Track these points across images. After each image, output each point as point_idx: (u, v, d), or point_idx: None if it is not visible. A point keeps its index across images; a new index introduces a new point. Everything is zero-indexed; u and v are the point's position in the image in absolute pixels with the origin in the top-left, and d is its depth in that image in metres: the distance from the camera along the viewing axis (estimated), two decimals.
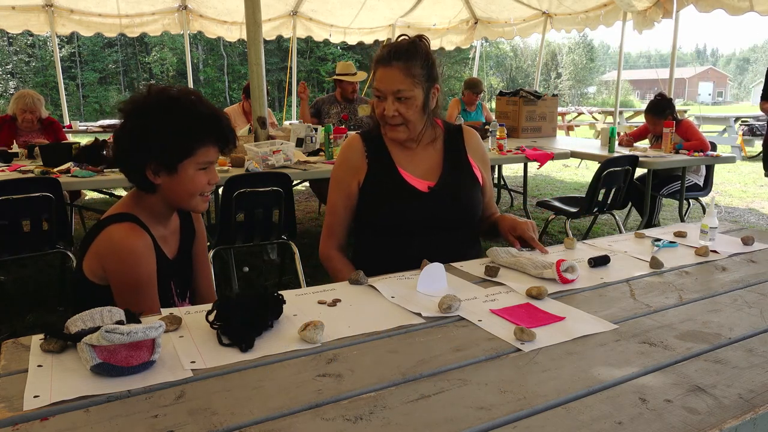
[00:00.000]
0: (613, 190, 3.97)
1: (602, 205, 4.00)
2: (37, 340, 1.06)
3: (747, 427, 0.82)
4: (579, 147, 5.03)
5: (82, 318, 1.06)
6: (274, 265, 4.32)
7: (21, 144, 4.37)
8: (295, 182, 4.70)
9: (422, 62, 1.66)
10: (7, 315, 3.37)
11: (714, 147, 4.61)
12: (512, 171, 9.00)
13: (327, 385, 0.92)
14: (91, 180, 3.25)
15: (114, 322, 1.06)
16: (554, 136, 5.92)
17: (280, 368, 0.98)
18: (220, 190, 3.23)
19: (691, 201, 5.35)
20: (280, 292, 1.20)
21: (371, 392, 0.90)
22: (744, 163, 9.83)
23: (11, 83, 25.34)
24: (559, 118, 11.90)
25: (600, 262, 1.54)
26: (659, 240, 1.76)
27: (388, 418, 0.82)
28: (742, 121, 12.02)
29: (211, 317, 1.12)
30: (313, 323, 1.08)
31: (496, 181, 6.49)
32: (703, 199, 5.13)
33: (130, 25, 8.04)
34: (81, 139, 6.09)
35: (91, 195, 6.17)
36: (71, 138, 5.64)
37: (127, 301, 1.35)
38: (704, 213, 3.38)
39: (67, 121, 7.94)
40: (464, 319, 1.19)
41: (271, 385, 0.92)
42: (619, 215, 4.68)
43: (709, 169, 4.89)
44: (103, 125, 8.42)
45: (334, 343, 1.08)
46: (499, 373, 0.96)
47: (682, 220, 4.76)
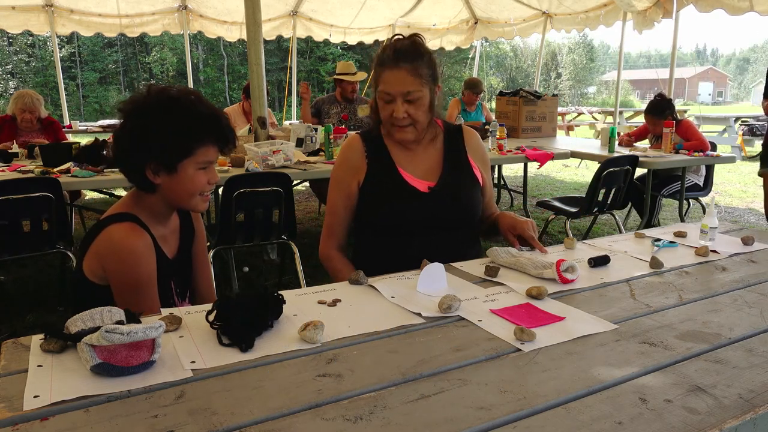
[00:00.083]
0: (613, 190, 3.97)
1: (602, 205, 4.00)
2: (37, 340, 1.06)
3: (747, 427, 0.82)
4: (579, 147, 5.03)
5: (82, 318, 1.06)
6: (274, 265, 4.32)
7: (21, 144, 4.37)
8: (295, 182, 4.70)
9: (427, 62, 1.66)
10: (7, 315, 3.37)
11: (714, 147, 4.61)
12: (512, 171, 9.01)
13: (327, 385, 0.92)
14: (91, 180, 3.25)
15: (114, 322, 1.06)
16: (554, 136, 5.92)
17: (280, 368, 0.98)
18: (220, 190, 3.23)
19: (691, 201, 5.36)
20: (280, 292, 1.20)
21: (371, 392, 0.90)
22: (744, 163, 9.84)
23: (11, 83, 25.35)
24: (559, 118, 11.90)
25: (600, 262, 1.54)
26: (659, 240, 1.76)
27: (388, 418, 0.82)
28: (742, 121, 12.02)
29: (211, 317, 1.12)
30: (313, 323, 1.08)
31: (496, 181, 6.49)
32: (703, 199, 5.13)
33: (130, 25, 8.04)
34: (81, 139, 6.09)
35: (91, 195, 6.17)
36: (71, 138, 5.65)
37: (127, 301, 1.35)
38: (704, 213, 3.38)
39: (67, 121, 7.95)
40: (464, 319, 1.19)
41: (271, 385, 0.92)
42: (619, 215, 4.68)
43: (709, 169, 4.89)
44: (103, 125, 8.42)
45: (334, 343, 1.08)
46: (499, 373, 0.96)
47: (682, 220, 4.76)
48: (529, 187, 6.93)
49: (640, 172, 4.27)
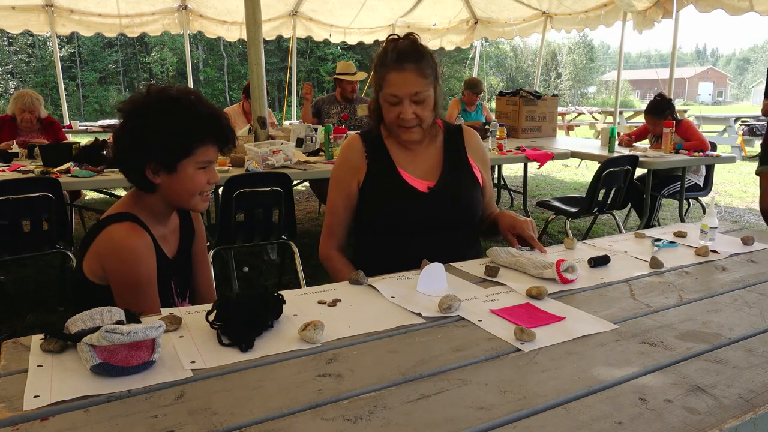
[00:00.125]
0: (613, 190, 3.97)
1: (602, 205, 4.00)
2: (37, 340, 1.06)
3: (747, 427, 0.82)
4: (579, 147, 5.03)
5: (82, 318, 1.06)
6: (274, 265, 4.32)
7: (21, 144, 4.37)
8: (295, 182, 4.70)
9: (429, 61, 1.67)
10: (7, 315, 3.37)
11: (714, 147, 4.61)
12: (512, 171, 9.01)
13: (327, 385, 0.92)
14: (91, 180, 3.25)
15: (114, 322, 1.06)
16: (554, 136, 5.92)
17: (280, 368, 0.98)
18: (220, 190, 3.23)
19: (691, 201, 5.35)
20: (280, 292, 1.20)
21: (371, 392, 0.90)
22: (744, 163, 9.84)
23: (11, 83, 25.35)
24: (559, 118, 11.90)
25: (600, 262, 1.54)
26: (659, 240, 1.76)
27: (388, 418, 0.82)
28: (742, 121, 12.02)
29: (211, 317, 1.12)
30: (313, 323, 1.08)
31: (496, 181, 6.49)
32: (703, 199, 5.13)
33: (130, 25, 8.04)
34: (81, 139, 6.09)
35: (91, 195, 6.17)
36: (71, 138, 5.65)
37: (127, 300, 1.35)
38: (704, 213, 3.38)
39: (67, 121, 7.95)
40: (464, 319, 1.19)
41: (271, 385, 0.92)
42: (619, 215, 4.68)
43: (709, 169, 4.89)
44: (103, 125, 8.43)
45: (334, 343, 1.08)
46: (499, 373, 0.96)
47: (682, 220, 4.76)
48: (529, 187, 6.93)
49: (640, 172, 4.27)
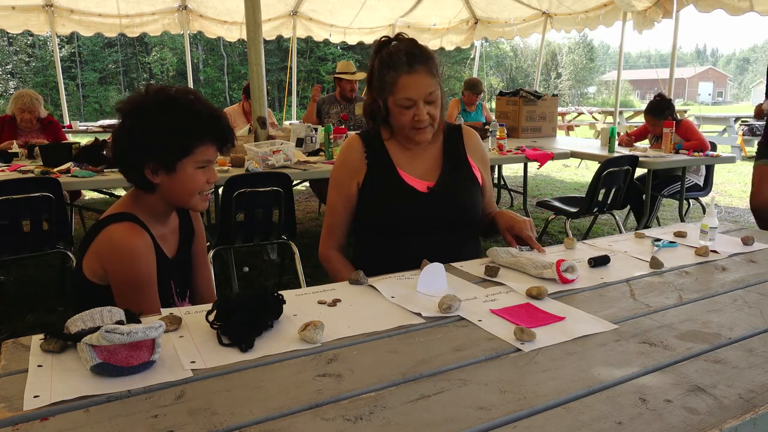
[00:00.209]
0: (613, 190, 3.97)
1: (602, 205, 4.00)
2: (37, 340, 1.06)
3: (747, 427, 0.82)
4: (579, 147, 5.03)
5: (82, 318, 1.06)
6: (274, 265, 4.32)
7: (21, 144, 4.37)
8: (295, 182, 4.70)
9: (435, 60, 1.67)
10: (7, 315, 3.37)
11: (714, 147, 4.61)
12: (512, 171, 9.00)
13: (327, 385, 0.92)
14: (91, 180, 3.25)
15: (114, 322, 1.06)
16: (554, 136, 5.92)
17: (280, 368, 0.98)
18: (220, 190, 3.23)
19: (691, 201, 5.36)
20: (280, 292, 1.20)
21: (371, 392, 0.90)
22: (744, 163, 9.83)
23: (11, 83, 25.36)
24: (559, 118, 11.90)
25: (600, 262, 1.54)
26: (659, 240, 1.76)
27: (388, 418, 0.82)
28: (742, 121, 12.01)
29: (211, 317, 1.12)
30: (313, 323, 1.08)
31: (496, 181, 6.49)
32: (703, 199, 5.13)
33: (130, 25, 8.04)
34: (81, 139, 6.09)
35: (91, 195, 6.17)
36: (71, 138, 5.65)
37: (127, 300, 1.35)
38: (704, 213, 3.38)
39: (67, 121, 7.95)
40: (464, 319, 1.19)
41: (271, 385, 0.92)
42: (619, 215, 4.68)
43: (709, 169, 4.89)
44: (103, 125, 8.44)
45: (334, 343, 1.08)
46: (499, 373, 0.96)
47: (682, 220, 4.76)
48: (529, 187, 6.93)
49: (640, 172, 4.27)
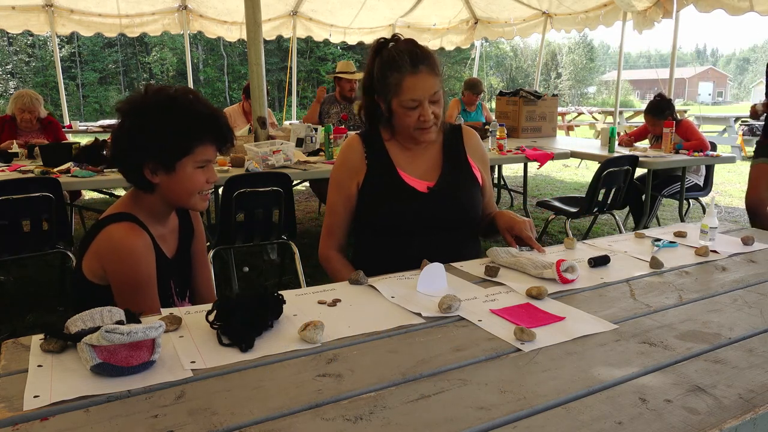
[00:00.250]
0: (613, 190, 3.97)
1: (602, 205, 4.00)
2: (37, 340, 1.06)
3: (747, 427, 0.82)
4: (579, 147, 5.03)
5: (82, 318, 1.06)
6: (274, 265, 4.32)
7: (21, 144, 4.37)
8: (295, 182, 4.70)
9: (436, 58, 1.68)
10: (7, 315, 3.37)
11: (714, 147, 4.61)
12: (512, 171, 9.00)
13: (327, 385, 0.92)
14: (91, 180, 3.25)
15: (114, 322, 1.06)
16: (554, 136, 5.92)
17: (280, 368, 0.98)
18: (220, 190, 3.23)
19: (691, 201, 5.35)
20: (280, 292, 1.20)
21: (371, 392, 0.90)
22: (744, 163, 9.82)
23: (11, 83, 25.36)
24: (559, 118, 11.90)
25: (600, 262, 1.54)
26: (659, 240, 1.76)
27: (388, 418, 0.82)
28: (742, 121, 12.01)
29: (211, 317, 1.12)
30: (313, 323, 1.08)
31: (496, 181, 6.49)
32: (703, 199, 5.13)
33: (130, 25, 8.04)
34: (81, 139, 6.08)
35: (91, 195, 6.17)
36: (71, 138, 5.65)
37: (127, 300, 1.35)
38: (704, 213, 3.38)
39: (67, 121, 7.95)
40: (464, 319, 1.19)
41: (271, 385, 0.92)
42: (619, 215, 4.68)
43: (709, 169, 4.89)
44: (103, 125, 8.44)
45: (334, 343, 1.08)
46: (499, 373, 0.96)
47: (682, 220, 4.76)
48: (529, 187, 6.93)
49: (640, 172, 4.27)
